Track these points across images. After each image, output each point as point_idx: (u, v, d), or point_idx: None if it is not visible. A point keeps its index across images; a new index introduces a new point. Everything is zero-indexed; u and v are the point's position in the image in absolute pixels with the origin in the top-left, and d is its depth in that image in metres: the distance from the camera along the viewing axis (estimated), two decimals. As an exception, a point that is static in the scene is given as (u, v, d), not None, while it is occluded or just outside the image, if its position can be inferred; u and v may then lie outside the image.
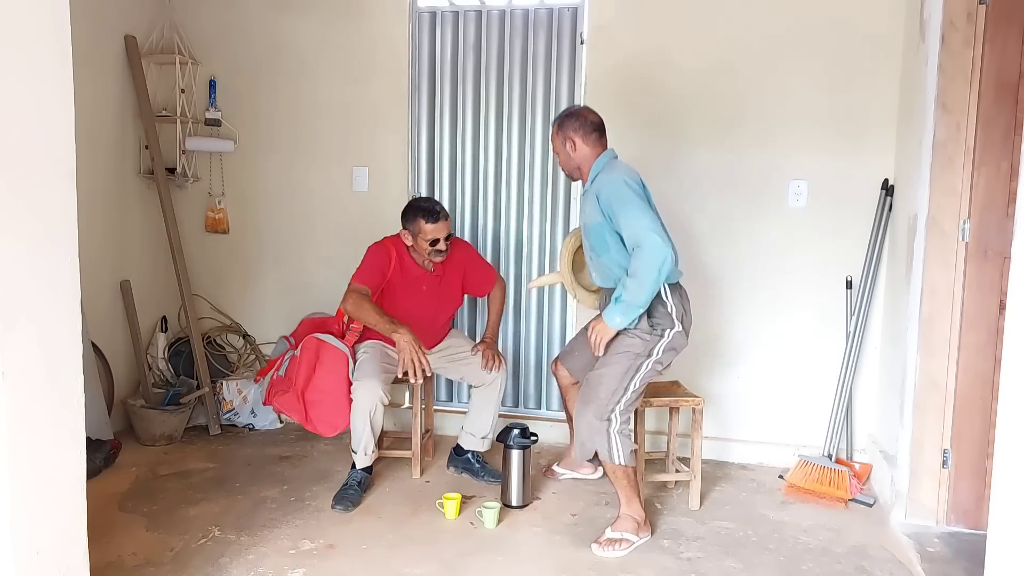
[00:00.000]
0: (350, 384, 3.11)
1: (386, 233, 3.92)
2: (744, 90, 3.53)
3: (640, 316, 2.73)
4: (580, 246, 3.25)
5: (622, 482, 2.80)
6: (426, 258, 3.26)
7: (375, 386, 3.06)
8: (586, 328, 2.88)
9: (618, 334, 2.77)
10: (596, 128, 2.91)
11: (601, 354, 2.80)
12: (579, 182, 3.07)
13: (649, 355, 2.77)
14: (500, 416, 3.82)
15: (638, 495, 2.84)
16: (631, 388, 2.76)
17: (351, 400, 3.08)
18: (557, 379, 3.36)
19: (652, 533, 2.86)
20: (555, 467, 3.44)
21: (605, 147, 2.91)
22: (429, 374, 3.15)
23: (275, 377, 3.28)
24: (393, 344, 3.11)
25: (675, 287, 2.85)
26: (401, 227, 3.25)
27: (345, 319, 3.35)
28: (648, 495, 3.15)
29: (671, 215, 3.33)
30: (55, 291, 1.89)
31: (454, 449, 3.50)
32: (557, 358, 3.32)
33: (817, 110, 3.47)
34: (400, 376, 3.13)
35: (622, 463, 2.76)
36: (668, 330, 2.78)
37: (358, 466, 3.18)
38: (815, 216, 3.53)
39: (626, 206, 2.67)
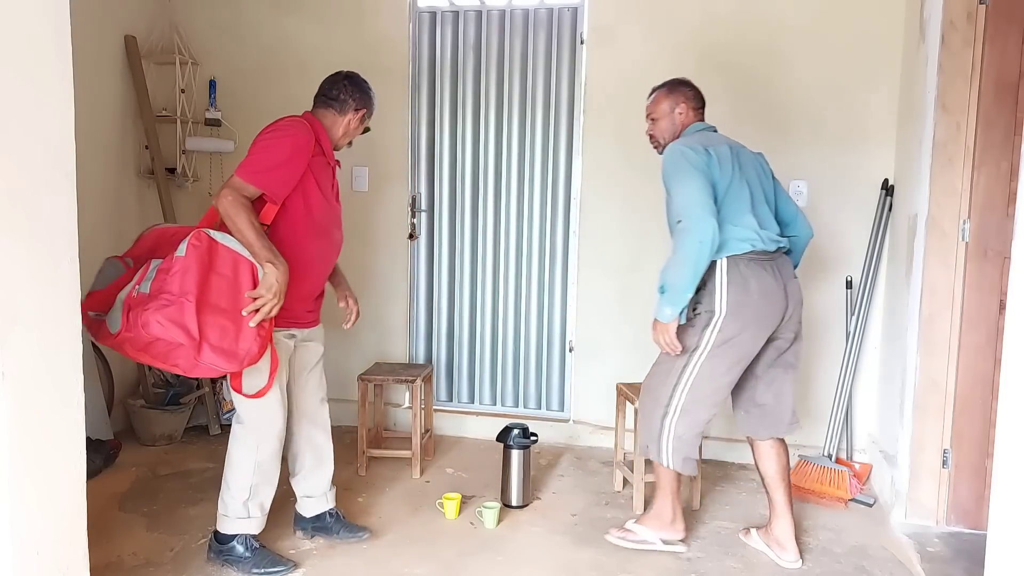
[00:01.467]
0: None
1: (389, 234, 3.95)
2: (744, 90, 3.53)
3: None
4: None
5: (662, 482, 2.72)
6: (345, 142, 2.67)
7: (280, 415, 2.55)
8: None
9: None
10: (703, 104, 2.81)
11: (675, 355, 2.57)
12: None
13: (697, 347, 2.54)
14: (501, 416, 3.83)
15: (673, 499, 2.72)
16: (684, 382, 2.57)
17: (256, 327, 2.30)
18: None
19: (686, 543, 2.76)
20: (752, 530, 2.84)
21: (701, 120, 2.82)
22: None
23: (134, 296, 2.24)
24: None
25: (736, 261, 2.52)
26: (353, 104, 2.62)
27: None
28: (648, 495, 3.15)
29: (671, 215, 3.34)
30: (55, 291, 1.89)
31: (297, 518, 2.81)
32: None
33: (817, 110, 3.47)
34: (246, 311, 2.28)
35: (670, 467, 2.64)
36: (714, 316, 2.51)
37: (247, 531, 2.54)
38: (815, 216, 3.50)
39: (678, 176, 2.53)
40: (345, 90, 2.61)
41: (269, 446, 2.54)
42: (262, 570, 2.53)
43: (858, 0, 3.39)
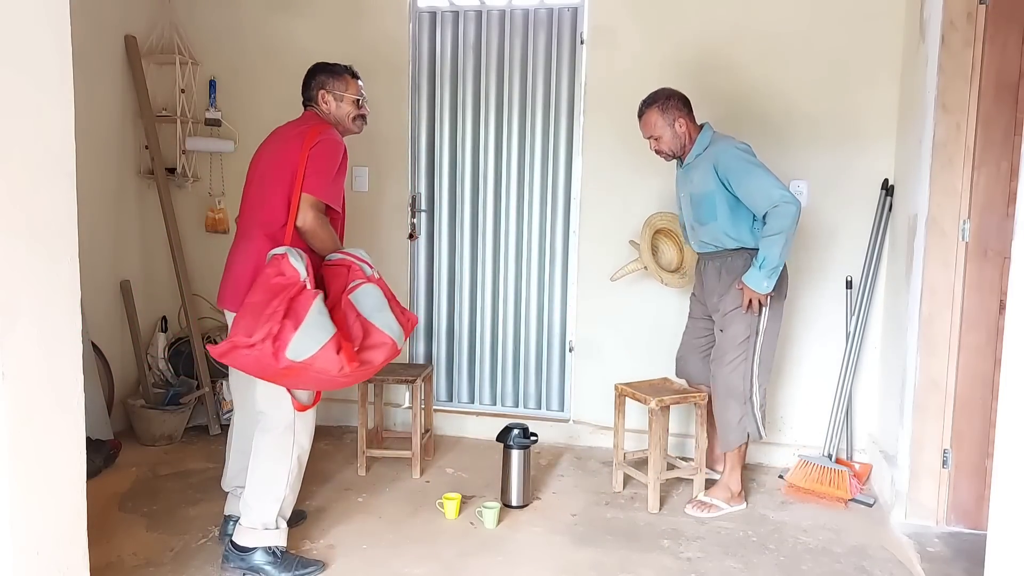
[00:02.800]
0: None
1: (389, 234, 3.95)
2: (744, 90, 3.53)
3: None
4: (656, 231, 3.39)
5: (735, 460, 3.09)
6: (347, 125, 2.69)
7: (314, 422, 2.59)
8: (685, 338, 3.26)
9: (724, 328, 3.00)
10: (691, 106, 3.06)
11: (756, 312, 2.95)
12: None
13: (756, 333, 2.97)
14: (501, 416, 3.83)
15: (740, 471, 3.10)
16: (754, 365, 2.99)
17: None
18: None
19: (746, 504, 3.13)
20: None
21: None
22: None
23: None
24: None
25: None
26: (318, 93, 2.66)
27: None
28: (647, 495, 3.15)
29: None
30: (55, 291, 1.89)
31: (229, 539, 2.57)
32: (677, 375, 3.38)
33: (817, 110, 3.47)
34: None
35: (763, 437, 3.10)
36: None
37: (276, 543, 2.48)
38: (815, 216, 3.52)
39: (751, 170, 2.87)
40: (307, 86, 2.70)
41: (305, 456, 2.56)
42: (292, 572, 2.48)
43: (858, 0, 3.39)
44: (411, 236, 3.96)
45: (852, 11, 3.40)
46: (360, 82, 2.74)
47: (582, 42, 3.71)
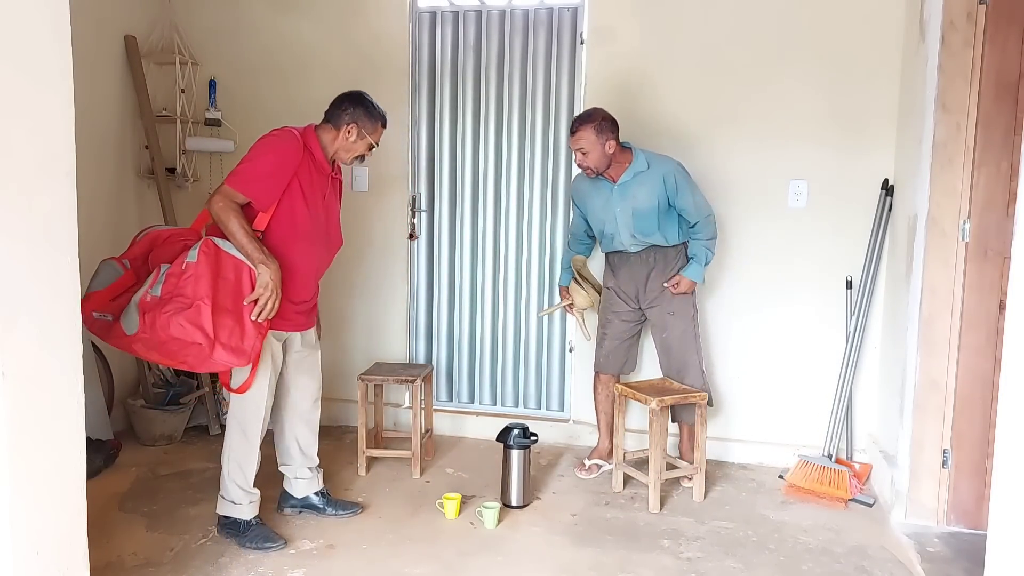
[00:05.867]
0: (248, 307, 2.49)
1: (389, 234, 3.96)
2: (744, 90, 3.53)
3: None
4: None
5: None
6: (346, 157, 2.76)
7: (261, 409, 2.70)
8: (610, 333, 3.42)
9: (675, 311, 3.31)
10: (618, 128, 3.24)
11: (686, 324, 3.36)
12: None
13: (696, 311, 3.38)
14: (501, 416, 3.83)
15: None
16: (700, 339, 3.38)
17: (254, 325, 2.47)
18: (599, 386, 3.51)
19: None
20: (586, 460, 3.49)
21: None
22: (264, 319, 2.51)
23: (147, 299, 2.38)
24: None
25: None
26: (347, 122, 2.70)
27: (204, 232, 2.60)
28: (647, 495, 3.15)
29: (671, 215, 3.33)
30: (55, 291, 1.89)
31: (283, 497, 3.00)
32: (599, 373, 3.49)
33: (817, 110, 3.47)
34: (245, 302, 2.46)
35: (712, 404, 3.37)
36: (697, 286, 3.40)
37: (237, 516, 2.72)
38: (815, 216, 3.52)
39: (694, 186, 3.26)
40: (342, 106, 2.73)
41: (250, 433, 2.71)
42: (256, 545, 2.68)
43: (858, 0, 3.39)
44: (411, 236, 3.96)
45: (852, 11, 3.40)
46: (384, 131, 2.83)
47: (582, 42, 3.71)
